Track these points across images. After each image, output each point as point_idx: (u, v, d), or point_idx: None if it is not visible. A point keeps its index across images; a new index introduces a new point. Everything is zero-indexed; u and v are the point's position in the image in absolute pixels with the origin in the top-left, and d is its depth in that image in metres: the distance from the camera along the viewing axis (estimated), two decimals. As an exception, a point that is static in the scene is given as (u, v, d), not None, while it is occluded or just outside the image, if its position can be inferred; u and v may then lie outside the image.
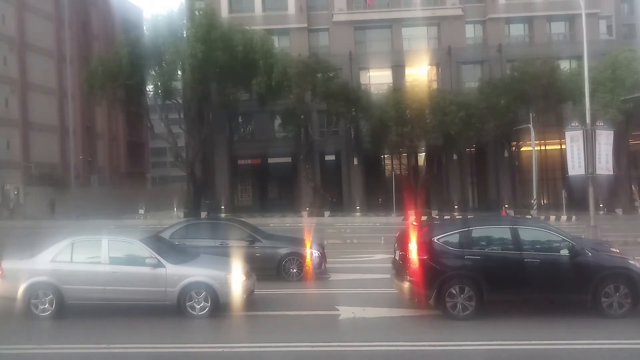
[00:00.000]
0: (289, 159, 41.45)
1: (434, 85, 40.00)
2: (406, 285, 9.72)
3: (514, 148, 39.20)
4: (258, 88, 35.58)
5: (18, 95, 48.05)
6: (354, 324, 9.51)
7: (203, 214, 35.45)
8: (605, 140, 19.69)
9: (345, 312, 10.04)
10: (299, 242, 14.37)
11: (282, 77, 34.32)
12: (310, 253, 13.60)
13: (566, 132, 20.82)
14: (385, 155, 41.77)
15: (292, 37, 42.39)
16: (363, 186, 40.24)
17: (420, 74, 41.73)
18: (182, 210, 39.45)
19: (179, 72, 36.44)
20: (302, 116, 37.46)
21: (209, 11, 35.47)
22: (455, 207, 37.70)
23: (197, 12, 35.64)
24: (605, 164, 19.76)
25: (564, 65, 38.22)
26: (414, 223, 10.96)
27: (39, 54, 50.52)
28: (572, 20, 42.05)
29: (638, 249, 15.34)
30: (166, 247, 10.91)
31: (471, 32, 43.69)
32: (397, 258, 10.47)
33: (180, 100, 39.18)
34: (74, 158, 51.50)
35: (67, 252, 9.98)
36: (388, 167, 43.01)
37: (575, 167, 20.01)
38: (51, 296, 9.78)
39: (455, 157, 39.51)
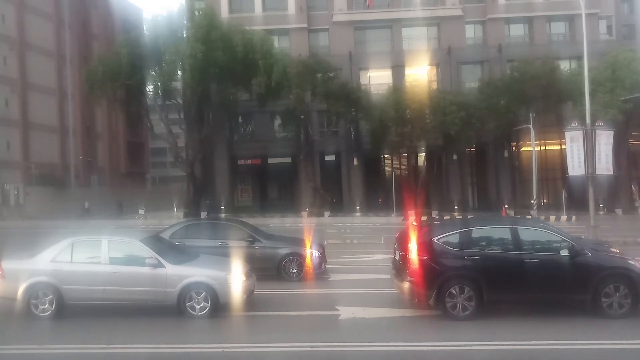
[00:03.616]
0: (289, 159, 41.46)
1: (434, 86, 40.01)
2: (406, 285, 9.72)
3: (514, 148, 39.22)
4: (258, 88, 35.65)
5: (18, 95, 48.01)
6: (354, 324, 9.51)
7: (203, 214, 35.44)
8: (605, 140, 19.69)
9: (345, 312, 10.04)
10: (299, 242, 14.37)
11: (282, 77, 34.34)
12: (310, 253, 13.59)
13: (566, 132, 20.83)
14: (385, 155, 41.80)
15: (292, 37, 42.39)
16: (363, 186, 40.24)
17: (420, 74, 41.74)
18: (182, 211, 39.46)
19: (179, 72, 36.46)
20: (302, 116, 37.50)
21: (208, 11, 35.49)
22: (455, 207, 37.73)
23: (197, 12, 35.67)
24: (605, 164, 19.76)
25: (564, 65, 38.23)
26: (414, 223, 10.94)
27: (39, 54, 50.49)
28: (572, 20, 42.04)
29: (638, 249, 15.33)
30: (166, 248, 10.90)
31: (471, 32, 43.69)
32: (397, 258, 10.47)
33: (180, 100, 39.21)
34: (74, 158, 51.53)
35: (67, 252, 9.97)
36: (388, 167, 43.03)
37: (575, 167, 20.01)
38: (51, 296, 9.77)
39: (455, 157, 39.52)
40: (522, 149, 39.18)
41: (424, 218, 26.35)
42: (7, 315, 10.01)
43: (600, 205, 32.95)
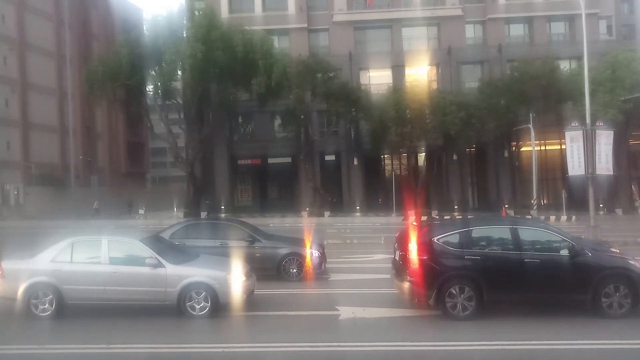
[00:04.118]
0: (289, 159, 41.46)
1: (434, 86, 40.00)
2: (406, 285, 9.72)
3: (514, 148, 39.22)
4: (258, 88, 35.65)
5: (18, 95, 48.03)
6: (354, 324, 9.50)
7: (203, 214, 35.45)
8: (605, 140, 19.68)
9: (345, 312, 10.04)
10: (299, 242, 14.36)
11: (282, 77, 34.34)
12: (310, 253, 13.59)
13: (566, 132, 20.83)
14: (385, 155, 41.80)
15: (292, 37, 42.39)
16: (363, 186, 40.23)
17: (420, 74, 41.73)
18: (182, 210, 39.47)
19: (179, 72, 36.47)
20: (302, 116, 37.50)
21: (208, 11, 35.49)
22: (455, 207, 37.73)
23: (197, 12, 35.68)
24: (605, 164, 19.75)
25: (564, 65, 38.23)
26: (414, 223, 10.94)
27: (39, 54, 50.51)
28: (572, 20, 42.04)
29: (638, 249, 15.34)
30: (166, 247, 10.89)
31: (471, 32, 43.68)
32: (397, 258, 10.47)
33: (180, 100, 39.22)
34: (74, 158, 51.54)
35: (67, 252, 9.96)
36: (388, 167, 43.03)
37: (575, 167, 20.01)
38: (51, 296, 9.76)
39: (455, 157, 39.51)
40: (522, 149, 39.18)
41: (424, 218, 26.37)
42: (7, 315, 10.01)
43: (600, 205, 32.95)
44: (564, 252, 9.61)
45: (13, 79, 47.62)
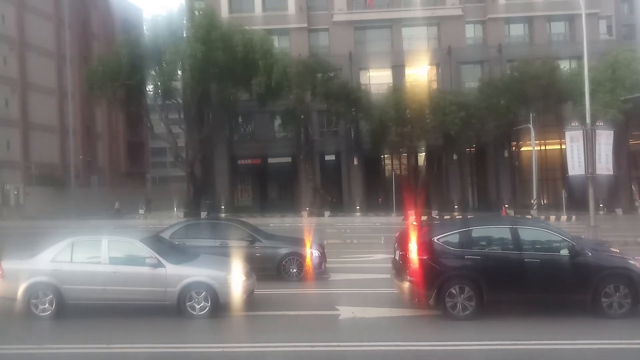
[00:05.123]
0: (289, 159, 41.46)
1: (434, 85, 39.99)
2: (406, 285, 9.72)
3: (514, 148, 39.22)
4: (258, 88, 35.65)
5: (18, 95, 48.01)
6: (354, 324, 9.51)
7: (203, 214, 35.45)
8: (605, 140, 19.68)
9: (345, 312, 10.04)
10: (299, 242, 14.37)
11: (282, 77, 34.34)
12: (310, 253, 13.59)
13: (566, 132, 20.84)
14: (385, 155, 41.78)
15: (292, 37, 42.38)
16: (363, 186, 40.23)
17: (420, 74, 41.72)
18: (182, 210, 39.46)
19: (179, 72, 36.47)
20: (302, 116, 37.50)
21: (208, 11, 35.50)
22: (455, 207, 37.71)
23: (197, 12, 35.69)
24: (605, 164, 19.75)
25: (564, 65, 38.22)
26: (414, 223, 10.94)
27: (39, 54, 50.49)
28: (572, 20, 42.03)
29: (638, 249, 15.34)
30: (166, 247, 10.90)
31: (471, 32, 43.68)
32: (397, 258, 10.47)
33: (180, 100, 39.23)
34: (74, 158, 51.52)
35: (67, 252, 9.96)
36: (388, 167, 43.02)
37: (575, 167, 20.01)
38: (51, 296, 9.76)
39: (455, 157, 39.51)
40: (522, 149, 39.19)
41: (424, 218, 26.36)
42: (7, 315, 10.01)
43: (600, 205, 32.93)
44: (564, 252, 9.62)
45: (13, 79, 47.60)
